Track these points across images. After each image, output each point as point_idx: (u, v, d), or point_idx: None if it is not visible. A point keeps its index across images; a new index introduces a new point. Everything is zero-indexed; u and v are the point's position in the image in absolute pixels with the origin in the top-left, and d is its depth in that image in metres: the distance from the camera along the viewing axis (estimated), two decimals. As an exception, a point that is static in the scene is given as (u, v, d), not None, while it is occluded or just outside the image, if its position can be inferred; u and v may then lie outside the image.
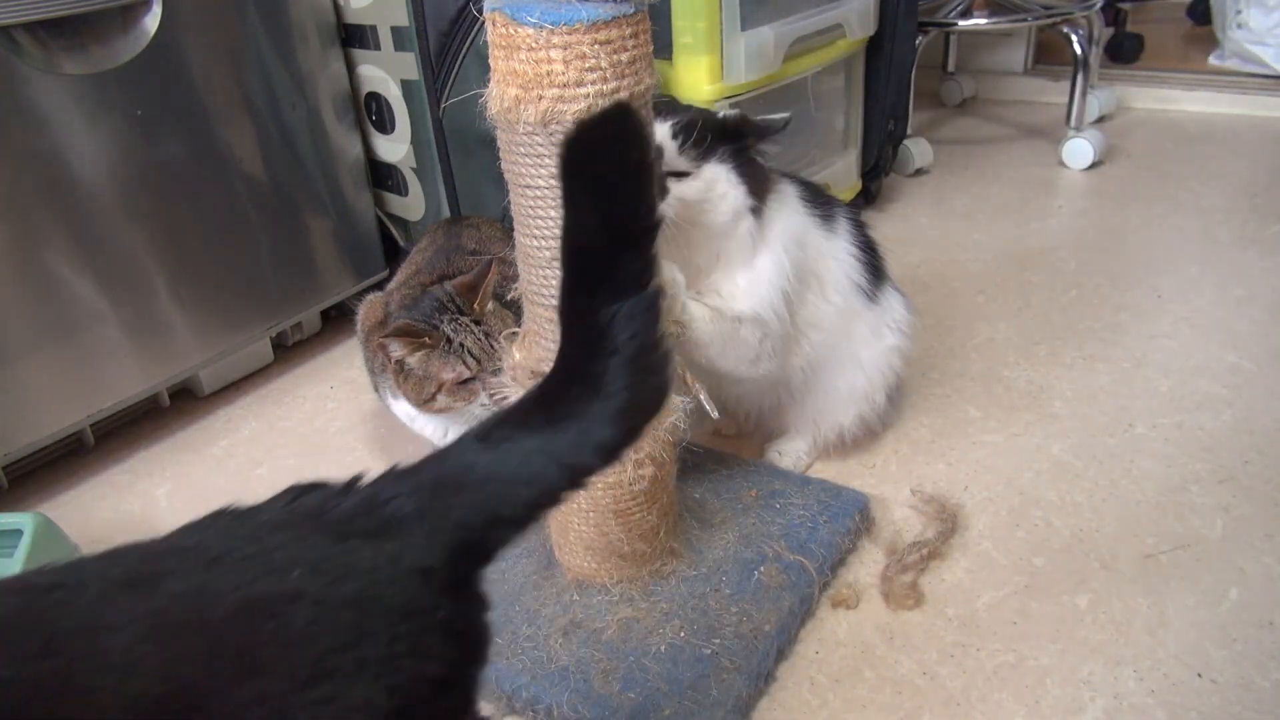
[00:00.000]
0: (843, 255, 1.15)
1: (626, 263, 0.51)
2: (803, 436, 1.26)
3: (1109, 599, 1.03)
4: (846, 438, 1.25)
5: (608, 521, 0.99)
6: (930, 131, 2.61)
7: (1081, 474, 1.22)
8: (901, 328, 1.20)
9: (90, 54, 1.26)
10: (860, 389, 1.20)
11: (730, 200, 1.00)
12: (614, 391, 0.51)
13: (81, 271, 1.30)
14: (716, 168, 1.00)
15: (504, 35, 0.79)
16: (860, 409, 1.21)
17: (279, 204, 1.54)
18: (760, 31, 1.50)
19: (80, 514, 1.31)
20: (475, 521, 0.49)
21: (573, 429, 0.51)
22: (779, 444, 1.26)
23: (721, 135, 1.01)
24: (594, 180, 0.50)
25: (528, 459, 0.50)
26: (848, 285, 1.15)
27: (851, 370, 1.19)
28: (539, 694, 0.90)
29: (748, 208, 1.02)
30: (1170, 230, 1.92)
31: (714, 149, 1.00)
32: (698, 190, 0.99)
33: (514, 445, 0.51)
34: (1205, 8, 2.84)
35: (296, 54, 1.53)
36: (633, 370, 0.51)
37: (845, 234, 1.16)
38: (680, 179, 0.99)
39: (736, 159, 1.01)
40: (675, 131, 0.99)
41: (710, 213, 1.00)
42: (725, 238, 1.02)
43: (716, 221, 1.01)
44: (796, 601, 1.00)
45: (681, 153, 0.99)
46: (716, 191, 1.00)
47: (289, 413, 1.52)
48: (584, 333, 0.52)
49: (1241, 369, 1.42)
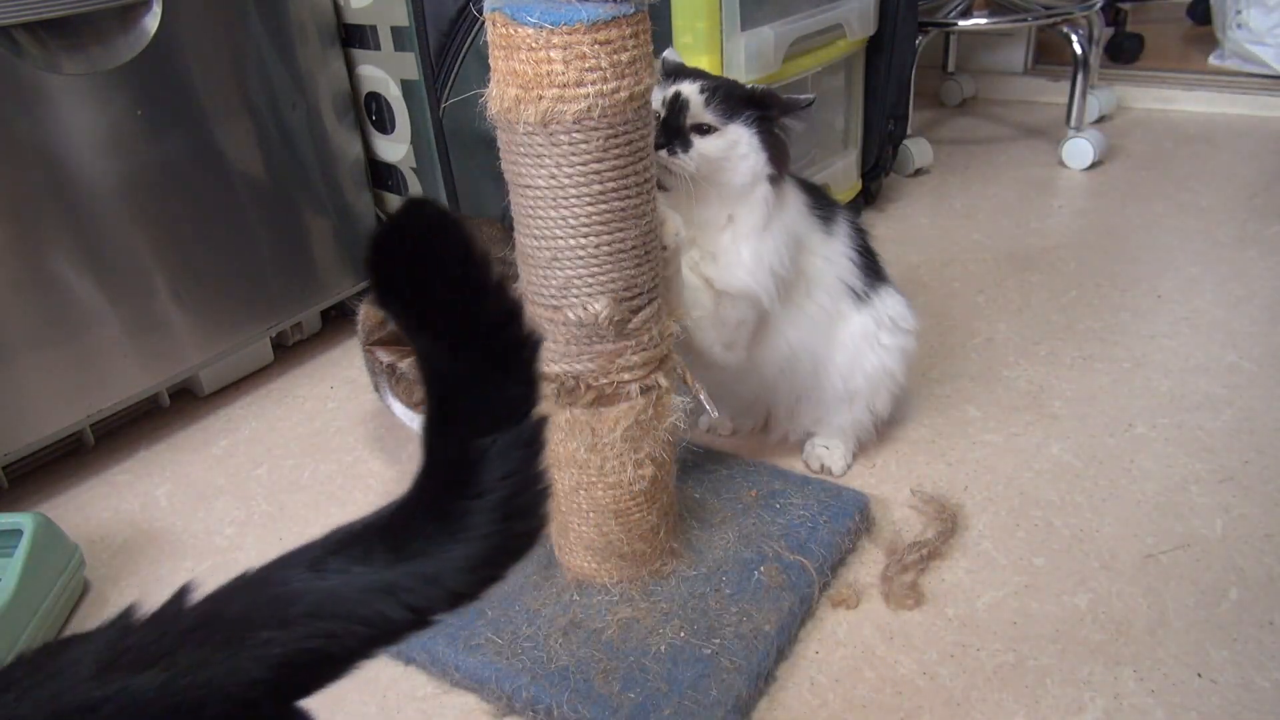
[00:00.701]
0: (837, 257, 1.16)
1: (501, 387, 0.44)
2: (831, 435, 1.26)
3: (1109, 599, 1.03)
4: (863, 433, 1.26)
5: (608, 521, 0.99)
6: (930, 131, 2.61)
7: (1081, 474, 1.22)
8: (901, 325, 1.20)
9: (90, 54, 1.26)
10: (857, 390, 1.19)
11: (750, 163, 1.02)
12: (474, 538, 0.44)
13: (82, 271, 1.30)
14: (740, 129, 1.02)
15: (504, 35, 0.79)
16: (863, 409, 1.21)
17: (279, 204, 1.54)
18: (760, 31, 1.50)
19: (80, 514, 1.31)
20: (294, 660, 0.42)
21: (422, 569, 0.44)
22: (818, 439, 1.26)
23: (748, 102, 1.03)
24: (416, 295, 0.42)
25: (366, 596, 0.43)
26: (838, 287, 1.16)
27: (837, 374, 1.18)
28: (539, 694, 0.90)
29: (766, 175, 1.03)
30: (1170, 230, 1.92)
31: (740, 111, 1.02)
32: (720, 148, 1.01)
33: (351, 578, 0.44)
34: (1205, 8, 2.84)
35: (296, 54, 1.53)
36: (500, 516, 0.44)
37: (843, 236, 1.17)
38: (705, 135, 1.00)
39: (761, 126, 1.03)
40: (703, 90, 1.01)
41: (729, 172, 1.02)
42: (739, 201, 1.03)
43: (734, 182, 1.02)
44: (796, 601, 1.00)
45: (708, 108, 1.01)
46: (738, 152, 1.02)
47: (289, 413, 1.52)
48: (447, 468, 0.45)
49: (1241, 369, 1.42)
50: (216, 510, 1.30)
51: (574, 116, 0.79)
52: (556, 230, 0.85)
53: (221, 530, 1.26)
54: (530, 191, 0.84)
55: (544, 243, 0.86)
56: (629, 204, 0.85)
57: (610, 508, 0.98)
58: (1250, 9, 2.59)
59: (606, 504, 0.98)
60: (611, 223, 0.84)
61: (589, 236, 0.84)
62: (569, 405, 0.92)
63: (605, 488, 0.96)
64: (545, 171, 0.82)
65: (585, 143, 0.80)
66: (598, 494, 0.97)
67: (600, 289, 0.86)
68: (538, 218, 0.85)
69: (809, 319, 1.14)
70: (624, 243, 0.86)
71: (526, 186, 0.84)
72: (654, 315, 0.91)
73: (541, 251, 0.87)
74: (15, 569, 1.04)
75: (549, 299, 0.89)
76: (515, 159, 0.84)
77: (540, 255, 0.87)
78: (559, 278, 0.87)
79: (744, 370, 1.14)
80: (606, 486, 0.96)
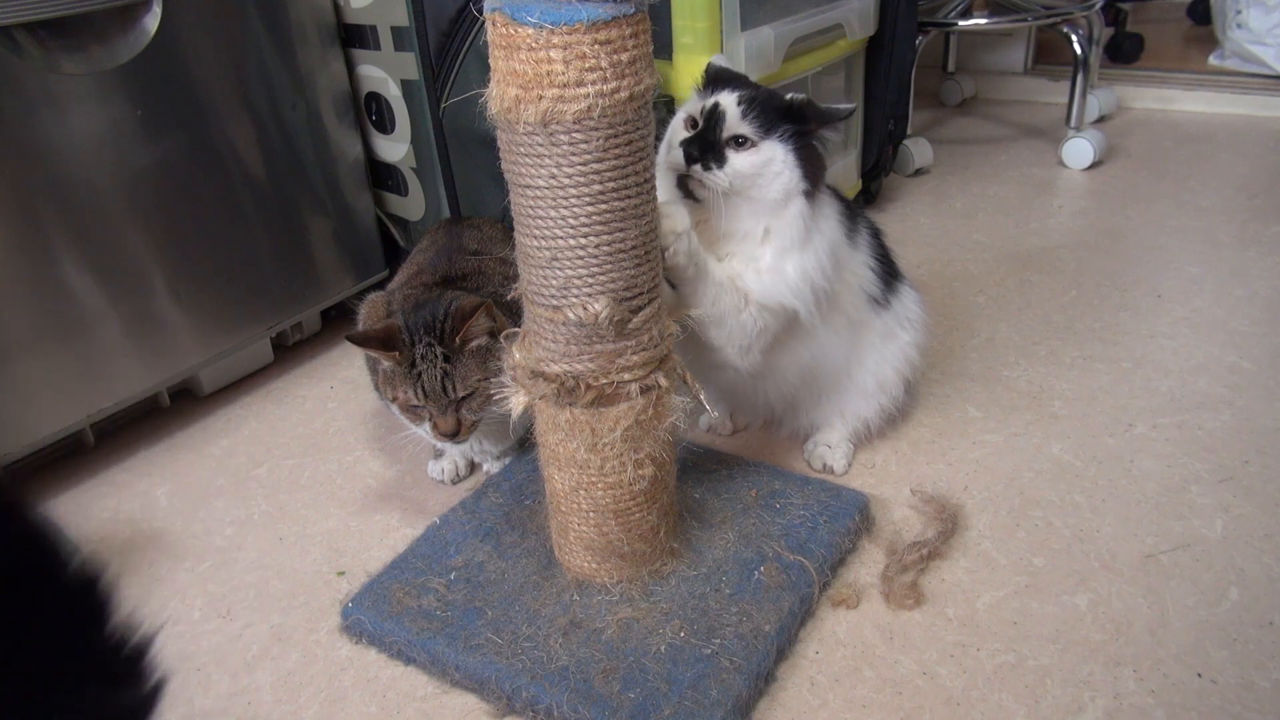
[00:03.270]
0: (860, 268, 1.17)
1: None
2: (838, 431, 1.27)
3: (1109, 599, 1.03)
4: (872, 429, 1.27)
5: (608, 521, 0.99)
6: (930, 131, 2.61)
7: (1081, 474, 1.22)
8: (913, 319, 1.23)
9: (90, 54, 1.26)
10: (886, 380, 1.23)
11: (784, 180, 1.01)
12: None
13: (82, 271, 1.30)
14: (776, 145, 1.01)
15: (504, 35, 0.79)
16: (888, 398, 1.24)
17: (279, 204, 1.54)
18: (760, 31, 1.50)
19: (80, 514, 1.31)
20: None
21: None
22: (821, 437, 1.27)
23: (786, 115, 1.02)
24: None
25: None
26: (861, 298, 1.17)
27: (865, 371, 1.22)
28: (539, 694, 0.90)
29: (801, 191, 1.02)
30: (1170, 230, 1.92)
31: (776, 126, 1.01)
32: (754, 164, 1.00)
33: None
34: (1205, 8, 2.84)
35: (296, 54, 1.53)
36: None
37: (864, 246, 1.18)
38: (740, 149, 1.00)
39: (797, 141, 1.01)
40: (740, 101, 1.01)
41: (763, 188, 1.01)
42: (773, 214, 1.02)
43: (767, 198, 1.01)
44: (796, 601, 1.00)
45: (744, 119, 1.00)
46: (772, 169, 1.00)
47: (289, 413, 1.52)
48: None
49: (1241, 369, 1.42)
50: (216, 510, 1.30)
51: (574, 116, 0.79)
52: (556, 230, 0.85)
53: (221, 530, 1.26)
54: (530, 191, 0.84)
55: (544, 243, 0.86)
56: (629, 204, 0.85)
57: (610, 508, 0.98)
58: (1250, 9, 2.59)
59: (606, 504, 0.98)
60: (611, 223, 0.84)
61: (589, 236, 0.84)
62: (569, 405, 0.92)
63: (605, 488, 0.96)
64: (545, 171, 0.82)
65: (585, 143, 0.80)
66: (598, 494, 0.97)
67: (600, 289, 0.86)
68: (538, 218, 0.85)
69: (833, 331, 1.15)
70: (624, 243, 0.86)
71: (526, 186, 0.84)
72: (654, 315, 0.91)
73: (541, 251, 0.87)
74: (15, 569, 1.04)
75: (549, 299, 0.89)
76: (515, 159, 0.84)
77: (540, 255, 0.87)
78: (559, 278, 0.87)
79: (762, 377, 1.14)
80: (606, 486, 0.96)
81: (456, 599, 1.03)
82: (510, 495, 1.20)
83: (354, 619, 1.04)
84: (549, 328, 0.90)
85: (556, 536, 1.06)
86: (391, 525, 1.23)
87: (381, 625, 1.01)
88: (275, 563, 1.18)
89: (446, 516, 1.17)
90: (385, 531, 1.22)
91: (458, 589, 1.04)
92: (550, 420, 0.95)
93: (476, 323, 1.11)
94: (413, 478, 1.32)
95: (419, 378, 1.10)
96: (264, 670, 1.02)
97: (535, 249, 0.87)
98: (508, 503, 1.18)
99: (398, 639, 1.00)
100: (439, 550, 1.11)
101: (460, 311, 1.11)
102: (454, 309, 1.12)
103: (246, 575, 1.17)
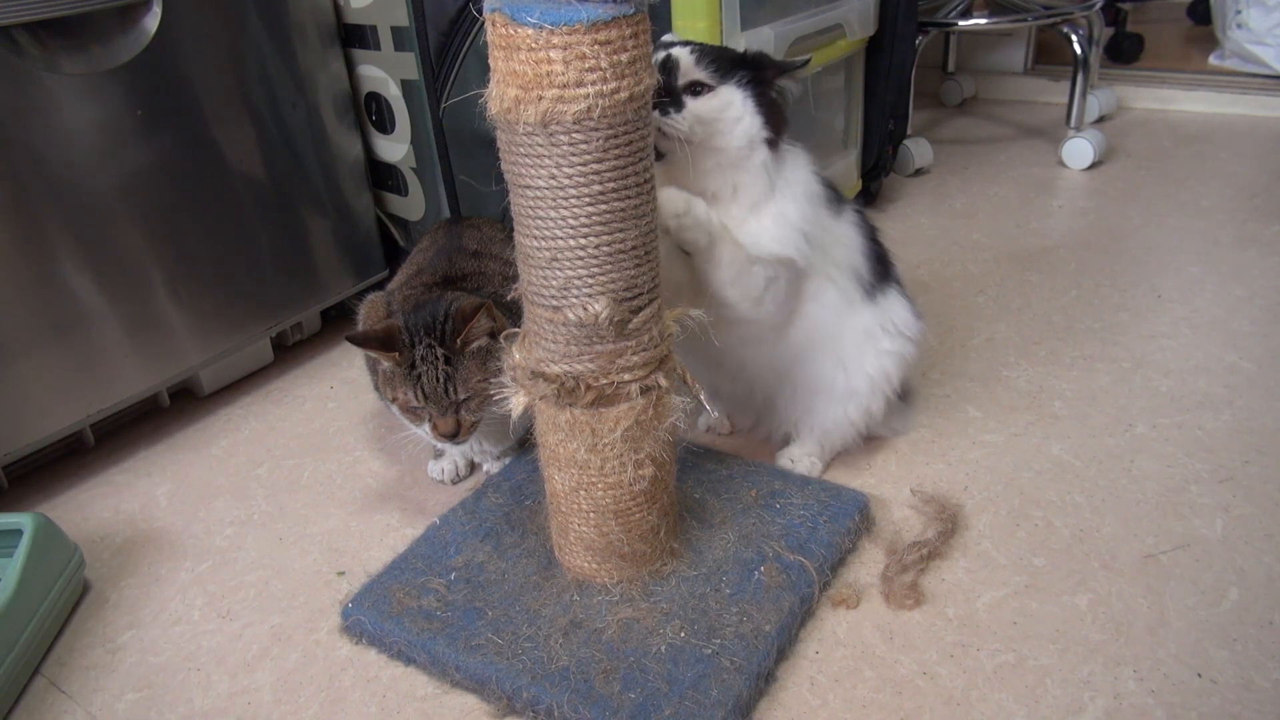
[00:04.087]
0: (847, 239, 1.15)
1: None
2: (809, 441, 1.25)
3: (1109, 599, 1.03)
4: (850, 441, 1.24)
5: (608, 521, 0.99)
6: (930, 131, 2.61)
7: (1081, 474, 1.22)
8: (904, 332, 1.18)
9: (90, 54, 1.26)
10: (857, 389, 1.18)
11: (745, 125, 1.00)
12: None
13: (81, 271, 1.30)
14: (734, 90, 1.00)
15: (504, 35, 0.79)
16: (859, 410, 1.19)
17: (279, 204, 1.54)
18: (760, 31, 1.50)
19: (80, 514, 1.31)
20: None
21: None
22: (789, 451, 1.26)
23: (740, 63, 1.02)
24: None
25: None
26: (848, 270, 1.15)
27: (840, 367, 1.17)
28: (539, 694, 0.90)
29: (763, 138, 1.02)
30: (1170, 230, 1.92)
31: (732, 72, 1.00)
32: (713, 109, 0.99)
33: None
34: (1205, 8, 2.84)
35: (296, 54, 1.53)
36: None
37: (850, 222, 1.17)
38: (698, 96, 0.99)
39: (755, 88, 1.01)
40: (693, 50, 1.00)
41: (724, 135, 1.00)
42: (739, 168, 1.02)
43: (730, 146, 1.01)
44: (796, 601, 1.00)
45: (698, 66, 0.99)
46: (731, 114, 1.00)
47: (289, 413, 1.52)
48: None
49: (1241, 369, 1.42)
50: (216, 510, 1.30)
51: (574, 117, 0.79)
52: (556, 230, 0.85)
53: (221, 530, 1.26)
54: (530, 191, 0.84)
55: (544, 243, 0.86)
56: (629, 204, 0.85)
57: (610, 508, 0.98)
58: (1250, 9, 2.59)
59: (606, 504, 0.98)
60: (611, 223, 0.84)
61: (589, 237, 0.84)
62: (569, 405, 0.92)
63: (605, 488, 0.96)
64: (545, 172, 0.82)
65: (585, 143, 0.80)
66: (598, 494, 0.97)
67: (600, 289, 0.86)
68: (538, 218, 0.85)
69: (824, 297, 1.13)
70: (624, 243, 0.86)
71: (526, 186, 0.84)
72: (654, 315, 0.91)
73: (541, 252, 0.87)
74: (15, 569, 1.04)
75: (549, 299, 0.89)
76: (515, 159, 0.84)
77: (540, 255, 0.87)
78: (559, 278, 0.87)
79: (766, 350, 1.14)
80: (606, 486, 0.96)
81: (456, 599, 1.03)
82: (510, 495, 1.20)
83: (354, 619, 1.04)
84: (549, 328, 0.90)
85: (557, 537, 1.06)
86: (391, 525, 1.23)
87: (381, 625, 1.01)
88: (275, 563, 1.18)
89: (446, 517, 1.17)
90: (385, 531, 1.22)
91: (458, 589, 1.04)
92: (550, 421, 0.95)
93: (478, 324, 1.11)
94: (413, 478, 1.32)
95: (419, 379, 1.10)
96: (264, 670, 1.02)
97: (535, 249, 0.87)
98: (508, 503, 1.18)
99: (398, 639, 1.00)
100: (439, 550, 1.11)
101: (461, 313, 1.11)
102: (455, 310, 1.12)
103: (246, 575, 1.17)
